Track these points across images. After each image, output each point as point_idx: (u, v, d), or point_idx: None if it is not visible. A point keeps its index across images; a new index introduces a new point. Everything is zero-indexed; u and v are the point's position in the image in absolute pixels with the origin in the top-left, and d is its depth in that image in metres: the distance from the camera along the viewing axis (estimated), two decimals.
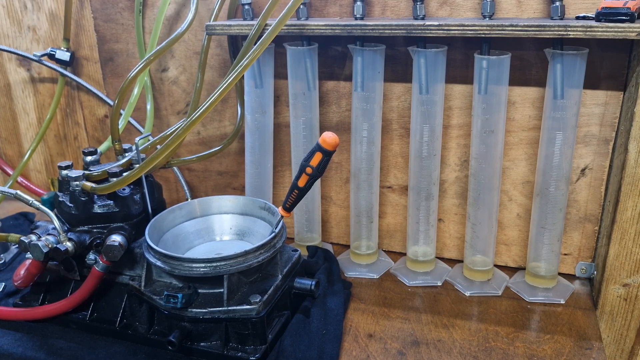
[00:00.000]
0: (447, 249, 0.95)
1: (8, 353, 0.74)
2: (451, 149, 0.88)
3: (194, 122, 0.72)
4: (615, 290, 0.79)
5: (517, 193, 0.88)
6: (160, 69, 1.02)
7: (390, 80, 0.87)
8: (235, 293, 0.72)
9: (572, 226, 0.87)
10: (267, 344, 0.71)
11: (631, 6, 0.66)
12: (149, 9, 0.98)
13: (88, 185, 0.77)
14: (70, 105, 1.13)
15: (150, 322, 0.75)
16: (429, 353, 0.73)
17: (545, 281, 0.85)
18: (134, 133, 1.07)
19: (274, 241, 0.75)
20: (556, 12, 0.73)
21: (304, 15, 0.83)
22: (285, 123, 0.95)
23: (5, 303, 0.84)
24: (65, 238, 0.74)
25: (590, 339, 0.75)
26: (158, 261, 0.72)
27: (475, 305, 0.83)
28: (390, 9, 0.84)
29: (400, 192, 0.94)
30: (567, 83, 0.74)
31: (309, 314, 0.76)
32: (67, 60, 1.06)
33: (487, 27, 0.72)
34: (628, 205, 0.75)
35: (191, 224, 0.84)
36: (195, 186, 1.09)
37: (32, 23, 1.08)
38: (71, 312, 0.79)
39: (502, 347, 0.74)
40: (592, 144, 0.81)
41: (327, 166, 0.71)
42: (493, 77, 0.76)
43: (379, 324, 0.79)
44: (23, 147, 1.22)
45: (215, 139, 1.03)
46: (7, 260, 0.96)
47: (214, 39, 0.95)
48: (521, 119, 0.83)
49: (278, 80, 0.93)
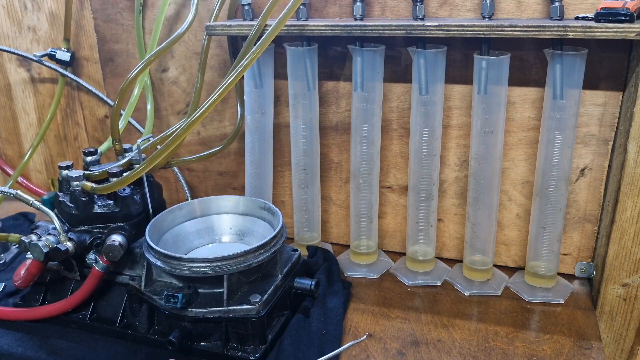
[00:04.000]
0: (447, 249, 0.95)
1: (8, 353, 0.74)
2: (451, 149, 0.89)
3: (194, 122, 0.73)
4: (614, 290, 0.79)
5: (516, 193, 0.88)
6: (160, 69, 1.02)
7: (389, 80, 0.87)
8: (235, 293, 0.72)
9: (571, 226, 0.87)
10: (267, 343, 0.71)
11: (630, 7, 0.67)
12: (149, 9, 0.98)
13: (88, 185, 0.77)
14: (71, 106, 1.13)
15: (151, 322, 0.76)
16: (428, 353, 0.73)
17: (544, 281, 0.85)
18: (134, 133, 1.07)
19: (274, 241, 0.75)
20: (555, 13, 0.73)
21: (303, 16, 0.83)
22: (285, 123, 0.95)
23: (6, 303, 0.84)
24: (66, 238, 0.75)
25: (590, 339, 0.75)
26: (158, 261, 0.72)
27: (475, 305, 0.83)
28: (390, 10, 0.84)
29: (400, 192, 0.94)
30: (567, 83, 0.74)
31: (309, 313, 0.77)
32: (67, 61, 1.06)
33: (486, 28, 0.72)
34: (627, 205, 0.75)
35: (191, 224, 0.84)
36: (196, 186, 1.09)
37: (32, 23, 1.08)
38: (71, 312, 0.79)
39: (501, 347, 0.74)
40: (592, 144, 0.81)
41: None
42: (492, 77, 0.76)
43: (379, 323, 0.79)
44: (23, 147, 1.22)
45: (215, 139, 1.03)
46: (7, 260, 0.96)
47: (214, 40, 0.95)
48: (521, 119, 0.83)
49: (278, 81, 0.93)
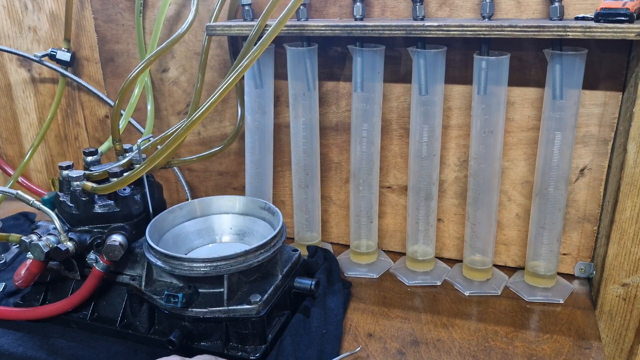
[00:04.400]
0: (447, 249, 0.95)
1: (9, 353, 0.74)
2: (450, 149, 0.89)
3: (194, 122, 0.73)
4: (614, 290, 0.79)
5: (516, 193, 0.88)
6: (160, 69, 1.02)
7: (389, 80, 0.88)
8: (236, 293, 0.73)
9: (571, 226, 0.87)
10: (267, 343, 0.71)
11: (630, 7, 0.67)
12: (150, 9, 0.99)
13: (89, 185, 0.77)
14: (71, 106, 1.13)
15: (151, 322, 0.76)
16: (428, 352, 0.73)
17: (544, 281, 0.85)
18: (135, 133, 1.07)
19: (274, 241, 0.75)
20: (555, 13, 0.73)
21: (303, 16, 0.83)
22: (285, 123, 0.95)
23: (6, 303, 0.84)
24: (66, 238, 0.75)
25: (589, 339, 0.75)
26: (158, 261, 0.72)
27: (475, 304, 0.83)
28: (390, 10, 0.84)
29: (400, 192, 0.95)
30: (566, 83, 0.74)
31: (309, 313, 0.77)
32: (67, 61, 1.06)
33: (486, 28, 0.72)
34: (627, 205, 0.75)
35: (191, 224, 0.84)
36: (196, 186, 1.09)
37: (32, 23, 1.09)
38: (72, 312, 0.79)
39: (501, 347, 0.74)
40: (591, 144, 0.82)
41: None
42: (492, 77, 0.76)
43: (379, 323, 0.80)
44: (24, 147, 1.22)
45: (215, 139, 1.03)
46: (8, 260, 0.96)
47: (214, 40, 0.95)
48: (520, 119, 0.84)
49: (278, 81, 0.93)
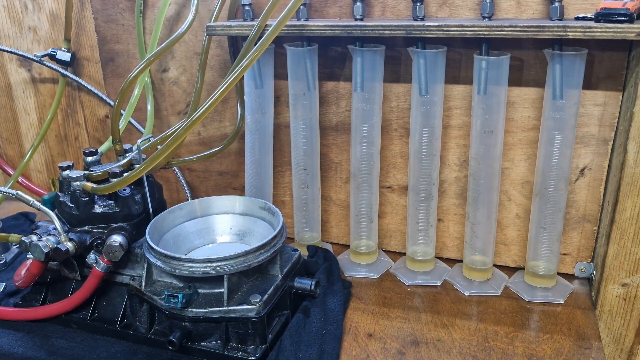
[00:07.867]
0: (447, 249, 0.95)
1: (9, 353, 0.74)
2: (451, 149, 0.89)
3: (194, 122, 0.73)
4: (614, 290, 0.79)
5: (516, 193, 0.88)
6: (160, 69, 1.02)
7: (389, 80, 0.88)
8: (236, 293, 0.73)
9: (571, 226, 0.87)
10: (267, 343, 0.71)
11: (630, 7, 0.67)
12: (150, 9, 0.99)
13: (89, 186, 0.77)
14: (71, 106, 1.13)
15: (151, 322, 0.76)
16: (428, 352, 0.73)
17: (544, 281, 0.85)
18: (135, 133, 1.07)
19: (274, 241, 0.75)
20: (555, 13, 0.73)
21: (303, 16, 0.83)
22: (285, 123, 0.95)
23: (6, 303, 0.84)
24: (66, 238, 0.75)
25: (590, 339, 0.75)
26: (158, 261, 0.72)
27: (475, 305, 0.83)
28: (390, 10, 0.84)
29: (400, 192, 0.95)
30: (566, 83, 0.74)
31: (309, 313, 0.77)
32: (67, 61, 1.06)
33: (486, 28, 0.72)
34: (627, 205, 0.75)
35: (191, 224, 0.84)
36: (196, 186, 1.09)
37: (32, 23, 1.09)
38: (72, 312, 0.79)
39: (501, 347, 0.74)
40: (591, 144, 0.82)
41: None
42: (492, 77, 0.76)
43: (379, 323, 0.80)
44: (24, 147, 1.22)
45: (215, 139, 1.03)
46: (8, 261, 0.96)
47: (214, 40, 0.95)
48: (520, 119, 0.84)
49: (278, 81, 0.93)
